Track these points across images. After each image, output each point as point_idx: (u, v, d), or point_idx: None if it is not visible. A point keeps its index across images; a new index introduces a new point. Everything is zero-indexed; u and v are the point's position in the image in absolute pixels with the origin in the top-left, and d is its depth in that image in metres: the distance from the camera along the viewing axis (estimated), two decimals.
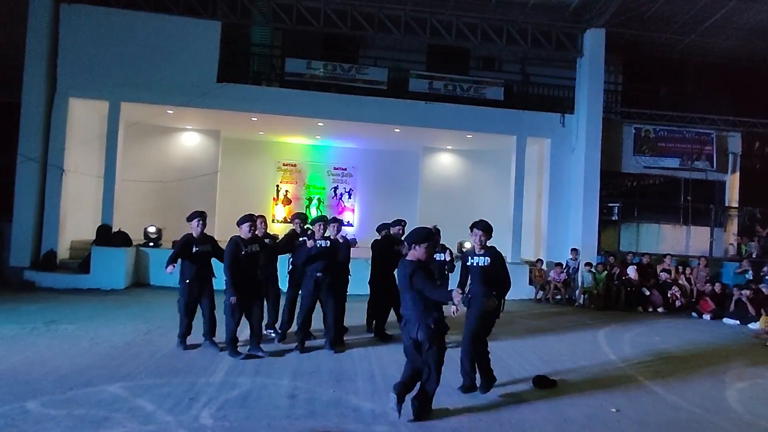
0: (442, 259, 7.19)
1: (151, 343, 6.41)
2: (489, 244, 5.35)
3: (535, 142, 13.57)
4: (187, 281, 6.24)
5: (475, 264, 5.26)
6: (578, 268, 12.03)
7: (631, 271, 11.66)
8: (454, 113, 12.56)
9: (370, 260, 7.35)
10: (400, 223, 7.30)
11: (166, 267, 6.04)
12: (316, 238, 6.45)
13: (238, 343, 6.19)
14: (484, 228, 5.32)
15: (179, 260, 6.23)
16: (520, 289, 11.88)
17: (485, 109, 12.73)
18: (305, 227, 7.10)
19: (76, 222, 11.66)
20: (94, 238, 11.06)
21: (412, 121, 12.49)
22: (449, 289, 4.49)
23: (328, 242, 6.50)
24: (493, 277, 5.19)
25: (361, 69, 12.65)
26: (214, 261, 6.45)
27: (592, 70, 12.76)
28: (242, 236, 6.18)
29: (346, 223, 15.73)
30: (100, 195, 11.45)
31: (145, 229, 11.71)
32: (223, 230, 10.58)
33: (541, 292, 11.92)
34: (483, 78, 13.38)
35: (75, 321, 7.48)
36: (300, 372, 5.65)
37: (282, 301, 7.07)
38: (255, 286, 6.24)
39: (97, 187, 12.00)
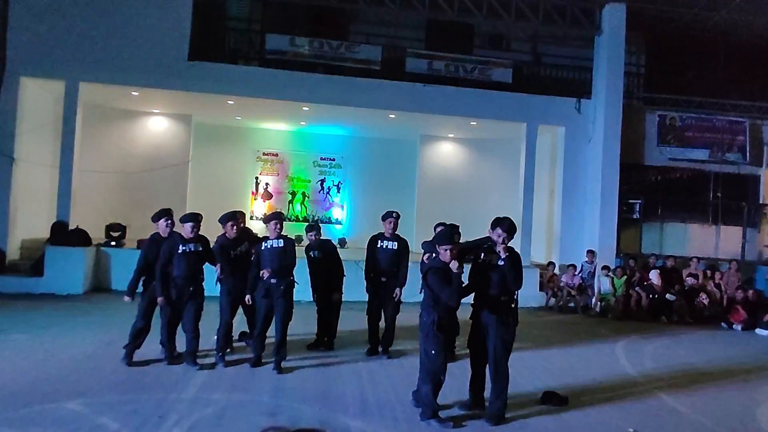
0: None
1: (114, 355, 6.41)
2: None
3: (547, 130, 13.64)
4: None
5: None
6: (594, 273, 12.14)
7: (654, 276, 11.74)
8: (456, 97, 12.62)
9: (363, 262, 7.40)
10: (391, 215, 7.17)
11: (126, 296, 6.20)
12: (270, 236, 6.45)
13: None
14: (508, 228, 5.19)
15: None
16: (529, 296, 11.94)
17: (491, 93, 12.80)
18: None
19: (27, 218, 11.63)
20: (48, 236, 11.04)
21: (408, 105, 12.54)
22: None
23: (282, 242, 6.44)
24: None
25: (351, 47, 12.68)
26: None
27: (611, 50, 12.83)
28: (228, 236, 6.40)
29: (334, 221, 15.80)
30: (55, 188, 11.41)
31: (107, 226, 11.70)
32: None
33: (552, 299, 12.02)
34: (489, 58, 13.44)
35: (27, 330, 7.49)
36: (282, 388, 5.69)
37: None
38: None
39: (51, 178, 11.96)
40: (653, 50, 15.26)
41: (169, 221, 6.40)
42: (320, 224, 8.00)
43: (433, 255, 5.34)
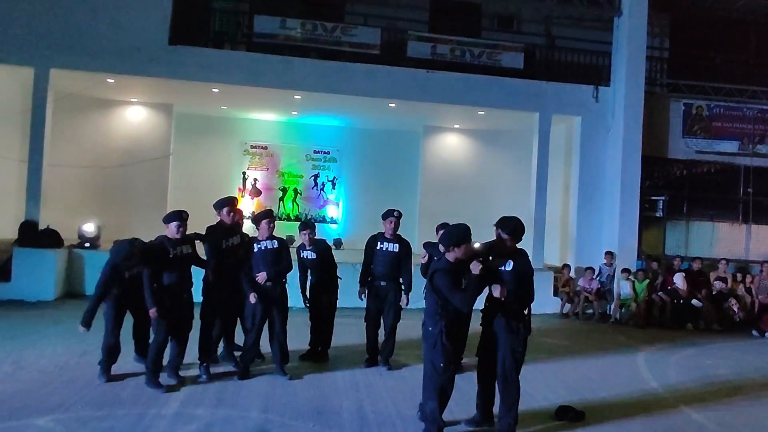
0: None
1: (89, 367, 6.42)
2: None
3: (562, 120, 13.65)
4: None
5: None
6: (613, 276, 12.15)
7: (679, 280, 11.75)
8: (463, 84, 12.62)
9: (360, 265, 7.40)
10: (392, 214, 7.18)
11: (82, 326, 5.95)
12: (261, 237, 6.51)
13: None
14: (513, 231, 5.12)
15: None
16: (542, 302, 11.90)
17: (501, 80, 12.80)
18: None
19: None
20: (15, 237, 11.03)
21: (410, 93, 12.53)
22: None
23: (276, 242, 6.53)
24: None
25: (347, 29, 12.67)
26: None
27: (632, 33, 12.83)
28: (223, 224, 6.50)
29: (329, 220, 15.81)
30: (24, 184, 11.39)
31: (80, 226, 11.69)
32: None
33: (568, 305, 12.04)
34: (498, 41, 13.44)
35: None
36: (272, 402, 5.69)
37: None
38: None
39: (19, 174, 11.95)
40: (678, 32, 15.26)
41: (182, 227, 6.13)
42: (314, 223, 7.95)
43: (434, 257, 5.31)
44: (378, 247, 7.06)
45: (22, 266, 10.49)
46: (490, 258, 5.12)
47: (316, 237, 7.44)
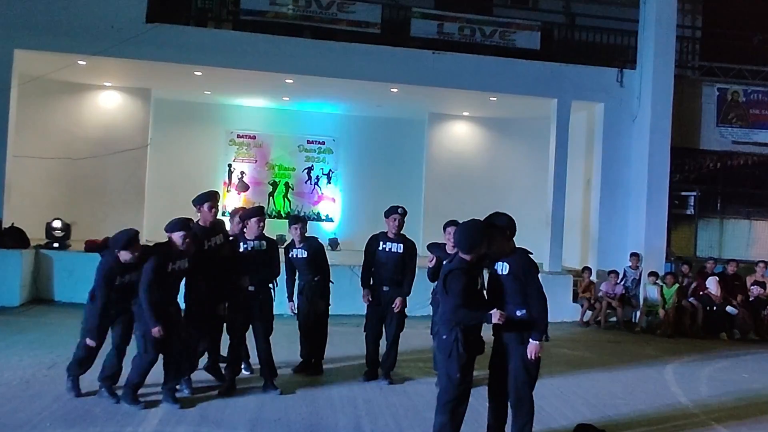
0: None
1: (58, 381, 6.41)
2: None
3: (583, 107, 13.64)
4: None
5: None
6: (640, 280, 12.15)
7: (712, 284, 11.76)
8: (473, 67, 12.60)
9: (359, 267, 7.41)
10: (396, 211, 7.16)
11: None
12: (249, 236, 6.52)
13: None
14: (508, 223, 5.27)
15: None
16: (561, 308, 11.95)
17: (515, 62, 12.78)
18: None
19: None
20: None
21: (414, 77, 12.52)
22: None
23: (265, 243, 6.56)
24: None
25: (345, 5, 12.63)
26: None
27: (660, 10, 12.79)
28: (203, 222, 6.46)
29: (324, 218, 15.81)
30: None
31: (48, 224, 11.69)
32: (155, 227, 10.53)
33: (589, 312, 12.04)
34: (512, 19, 13.41)
35: None
36: (261, 419, 5.70)
37: None
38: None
39: None
40: (711, 10, 15.23)
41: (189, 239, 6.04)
42: (306, 218, 7.95)
43: (443, 260, 5.29)
44: (380, 248, 7.05)
45: None
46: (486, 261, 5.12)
47: (307, 234, 7.42)
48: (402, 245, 7.04)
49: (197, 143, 15.36)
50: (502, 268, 4.96)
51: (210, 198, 6.54)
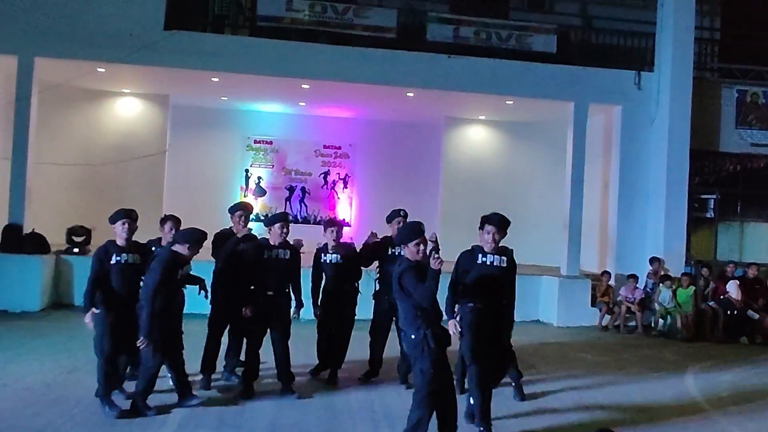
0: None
1: (78, 385, 6.51)
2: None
3: (600, 110, 13.56)
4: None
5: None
6: (659, 284, 12.06)
7: (733, 288, 11.64)
8: (489, 71, 12.58)
9: (375, 272, 7.44)
10: (399, 214, 7.22)
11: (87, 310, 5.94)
12: (272, 242, 6.60)
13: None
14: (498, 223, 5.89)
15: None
16: (579, 312, 11.92)
17: (531, 66, 12.74)
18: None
19: None
20: None
21: (430, 81, 12.52)
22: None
23: (288, 253, 6.65)
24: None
25: (361, 11, 12.68)
26: None
27: (678, 11, 12.72)
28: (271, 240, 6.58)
29: (341, 222, 15.81)
30: (7, 184, 11.52)
31: (69, 229, 11.81)
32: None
33: (607, 316, 11.96)
34: (528, 23, 13.38)
35: None
36: (279, 424, 5.73)
37: None
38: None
39: (1, 173, 12.10)
40: (730, 11, 15.09)
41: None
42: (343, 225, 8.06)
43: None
44: (389, 253, 7.06)
45: (4, 274, 10.60)
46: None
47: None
48: None
49: (215, 149, 15.44)
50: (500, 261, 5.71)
51: (241, 208, 6.99)
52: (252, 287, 6.53)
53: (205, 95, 14.41)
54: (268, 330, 6.59)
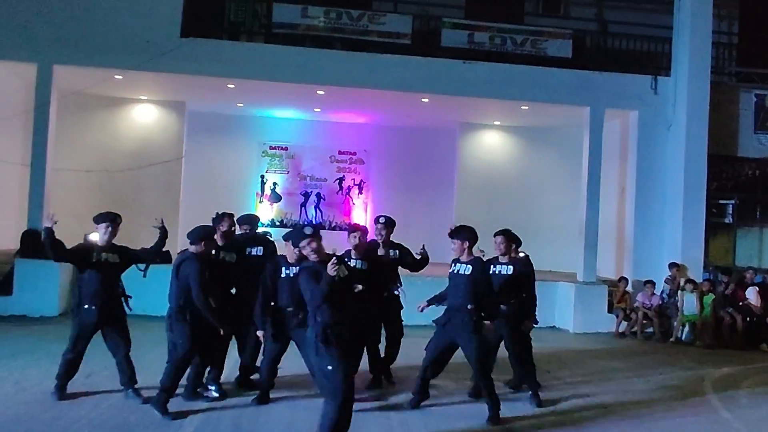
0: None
1: (96, 389, 6.56)
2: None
3: (616, 115, 13.51)
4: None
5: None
6: (677, 290, 11.96)
7: (752, 294, 11.57)
8: (504, 76, 12.58)
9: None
10: (387, 224, 7.32)
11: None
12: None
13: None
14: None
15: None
16: (595, 319, 11.86)
17: (547, 71, 12.73)
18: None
19: None
20: (17, 247, 11.28)
21: (445, 87, 12.55)
22: None
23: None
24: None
25: (375, 17, 12.74)
26: None
27: (695, 15, 12.67)
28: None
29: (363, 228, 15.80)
30: (26, 190, 11.68)
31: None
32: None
33: (624, 323, 11.88)
34: (543, 27, 13.37)
35: None
36: (295, 429, 5.74)
37: None
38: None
39: (21, 179, 12.26)
40: (748, 15, 14.98)
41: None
42: (340, 231, 8.03)
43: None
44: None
45: (24, 279, 10.73)
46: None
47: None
48: (398, 251, 7.35)
49: (230, 155, 15.55)
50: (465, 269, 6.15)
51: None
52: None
53: (221, 102, 14.52)
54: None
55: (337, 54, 12.39)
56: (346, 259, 7.14)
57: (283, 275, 6.31)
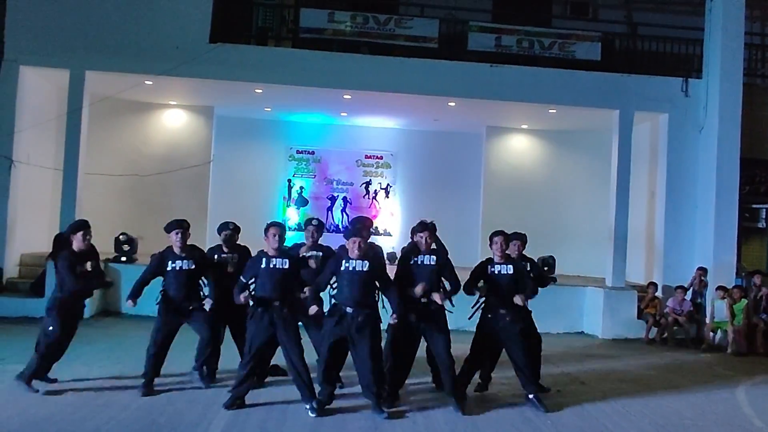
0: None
1: (124, 390, 6.65)
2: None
3: (646, 118, 13.37)
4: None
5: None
6: (705, 295, 11.80)
7: None
8: (531, 79, 12.51)
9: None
10: (426, 227, 6.90)
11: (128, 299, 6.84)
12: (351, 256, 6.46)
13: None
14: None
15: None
16: (624, 324, 11.74)
17: (575, 74, 12.64)
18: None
19: (27, 229, 12.16)
20: (50, 250, 11.46)
21: (472, 91, 12.51)
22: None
23: (367, 264, 6.39)
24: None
25: (402, 21, 12.76)
26: None
27: (727, 16, 12.50)
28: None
29: (383, 232, 15.86)
30: (58, 194, 11.86)
31: (116, 238, 12.08)
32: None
33: (654, 329, 11.72)
34: (572, 30, 13.30)
35: (26, 360, 7.78)
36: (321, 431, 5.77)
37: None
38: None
39: (54, 183, 12.48)
40: None
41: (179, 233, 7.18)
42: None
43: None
44: (413, 262, 6.83)
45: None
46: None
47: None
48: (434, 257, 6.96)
49: (258, 159, 15.65)
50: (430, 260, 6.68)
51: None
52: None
53: (248, 106, 14.64)
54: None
55: (363, 58, 12.42)
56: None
57: (342, 268, 6.36)
